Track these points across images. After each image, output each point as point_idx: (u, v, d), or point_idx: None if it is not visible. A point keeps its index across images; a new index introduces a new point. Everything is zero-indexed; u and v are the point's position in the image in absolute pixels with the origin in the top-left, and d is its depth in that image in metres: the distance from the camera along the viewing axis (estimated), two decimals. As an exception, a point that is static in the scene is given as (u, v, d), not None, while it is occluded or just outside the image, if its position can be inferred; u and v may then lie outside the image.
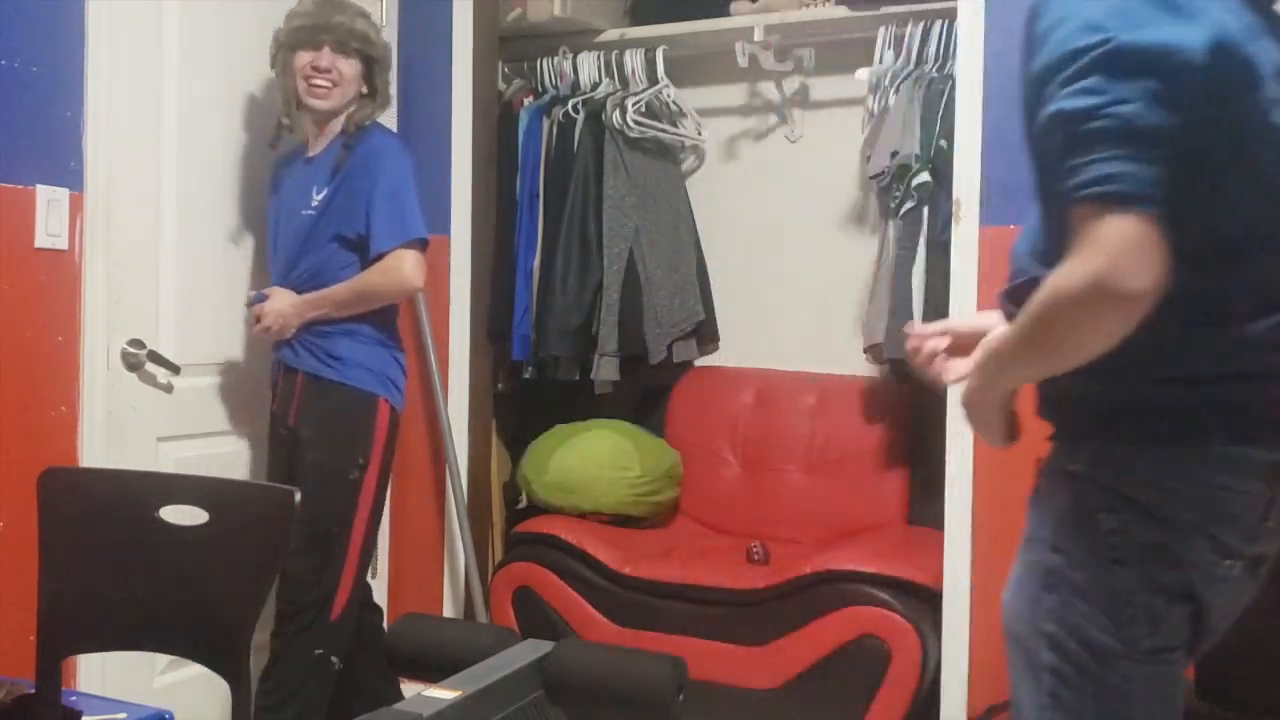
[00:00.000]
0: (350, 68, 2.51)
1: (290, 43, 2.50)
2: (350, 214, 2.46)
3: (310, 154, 2.57)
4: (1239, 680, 1.90)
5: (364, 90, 2.57)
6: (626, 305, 3.21)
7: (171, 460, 2.59)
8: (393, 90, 2.68)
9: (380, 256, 2.44)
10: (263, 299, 2.51)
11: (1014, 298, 1.31)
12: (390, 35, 3.20)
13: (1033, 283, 1.20)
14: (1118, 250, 1.10)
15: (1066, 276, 1.13)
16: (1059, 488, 1.32)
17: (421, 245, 2.49)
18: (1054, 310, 1.15)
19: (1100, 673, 1.27)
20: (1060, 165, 1.14)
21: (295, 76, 2.50)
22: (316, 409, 2.50)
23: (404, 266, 2.44)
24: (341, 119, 2.54)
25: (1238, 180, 1.20)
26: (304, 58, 2.48)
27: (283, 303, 2.49)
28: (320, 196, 2.49)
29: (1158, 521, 1.23)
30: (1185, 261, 1.14)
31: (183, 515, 1.73)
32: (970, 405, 1.40)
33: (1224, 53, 1.14)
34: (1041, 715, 1.35)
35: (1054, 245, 1.21)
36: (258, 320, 2.50)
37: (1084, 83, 1.13)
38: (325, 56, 2.48)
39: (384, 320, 2.55)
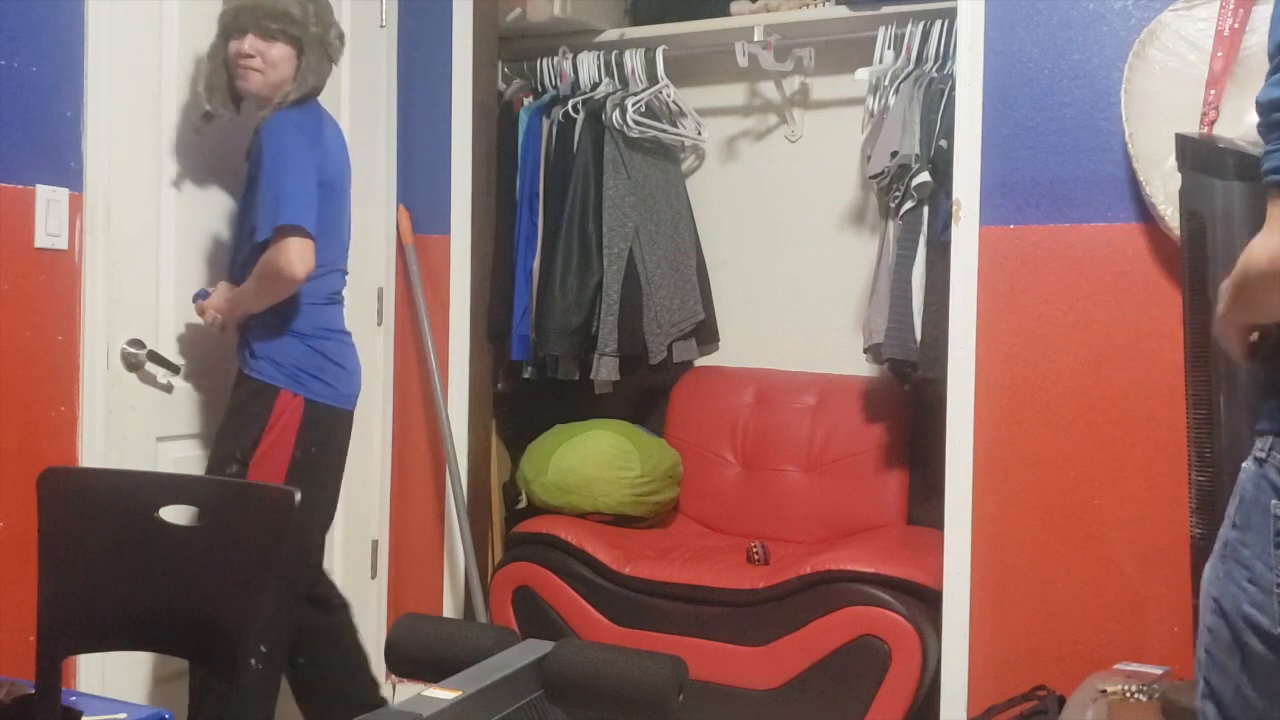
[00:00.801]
0: (277, 51, 2.42)
1: (221, 31, 2.46)
2: (254, 204, 2.40)
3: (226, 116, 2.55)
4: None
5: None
6: (626, 305, 3.21)
7: (171, 460, 2.59)
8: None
9: (264, 247, 2.35)
10: (204, 295, 2.53)
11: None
12: (390, 35, 3.21)
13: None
14: None
15: (1255, 249, 1.24)
16: (1248, 471, 1.36)
17: (300, 231, 2.31)
18: (1245, 277, 1.26)
19: (1248, 643, 1.30)
20: (1264, 148, 1.23)
21: (229, 63, 2.45)
22: (229, 404, 2.51)
23: (278, 258, 2.30)
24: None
25: None
26: (233, 45, 2.44)
27: (218, 297, 2.49)
28: (242, 193, 2.48)
29: None
30: None
31: (183, 515, 1.74)
32: (1217, 330, 1.48)
33: None
34: (1198, 670, 1.38)
35: None
36: (203, 314, 2.51)
37: (1278, 75, 1.21)
38: (248, 41, 2.41)
39: (304, 311, 2.46)
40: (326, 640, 2.64)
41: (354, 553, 3.13)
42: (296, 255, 2.30)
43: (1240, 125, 2.25)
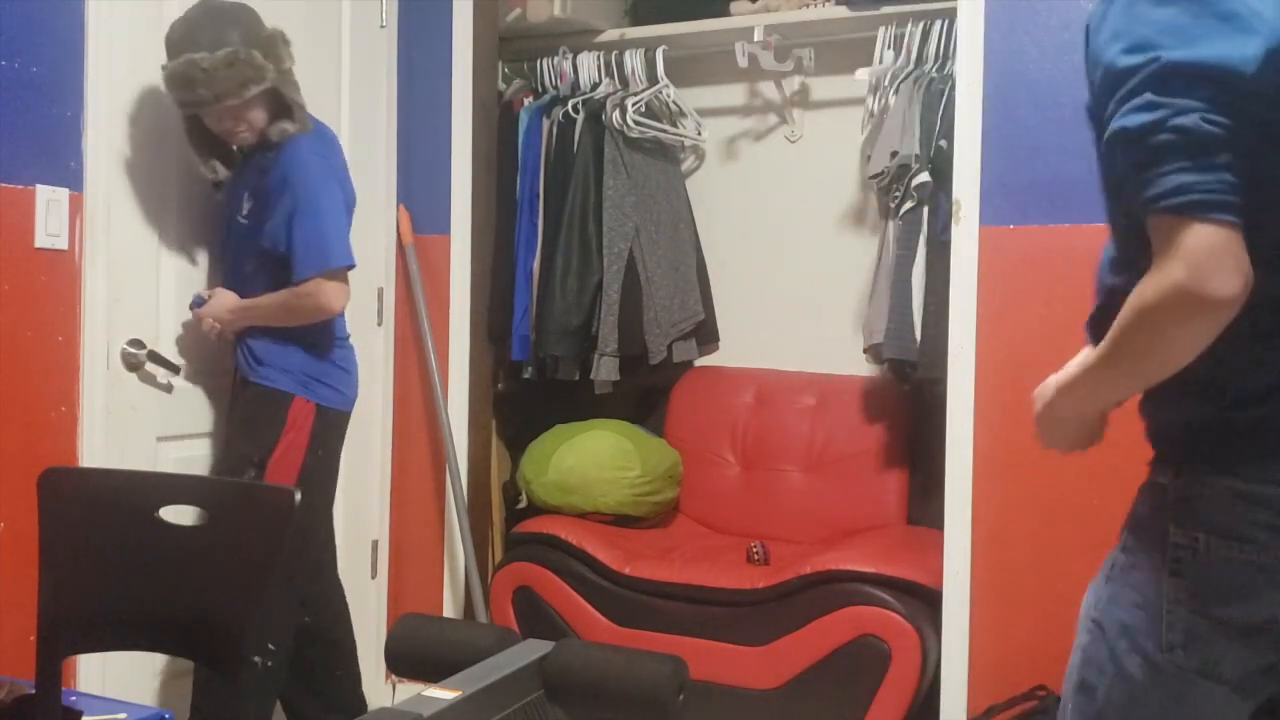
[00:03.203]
0: (252, 104, 2.39)
1: (189, 109, 2.42)
2: (273, 231, 2.42)
3: (244, 154, 2.56)
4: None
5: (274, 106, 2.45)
6: (626, 305, 3.21)
7: (171, 460, 2.59)
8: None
9: (302, 282, 2.41)
10: (201, 302, 2.55)
11: (1092, 327, 1.34)
12: (390, 35, 3.21)
13: (1104, 310, 1.23)
14: (1199, 258, 1.12)
15: (1151, 288, 1.15)
16: (1145, 497, 1.34)
17: (345, 273, 2.45)
18: (1140, 321, 1.17)
19: (1126, 668, 1.29)
20: (1134, 180, 1.16)
21: (212, 129, 2.45)
22: (236, 411, 2.55)
23: (320, 298, 2.42)
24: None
25: None
26: (210, 120, 2.43)
27: (219, 306, 2.51)
28: (249, 207, 2.48)
29: (1227, 543, 1.22)
30: (1259, 267, 1.15)
31: (183, 515, 1.73)
32: (1051, 425, 1.43)
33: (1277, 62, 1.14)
34: (1067, 685, 1.37)
35: (1126, 254, 1.24)
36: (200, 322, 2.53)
37: (1139, 100, 1.15)
38: (226, 118, 2.40)
39: (311, 324, 2.51)
40: (329, 641, 2.68)
41: (354, 553, 3.13)
42: (342, 293, 2.44)
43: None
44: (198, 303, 2.56)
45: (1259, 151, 1.16)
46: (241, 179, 2.54)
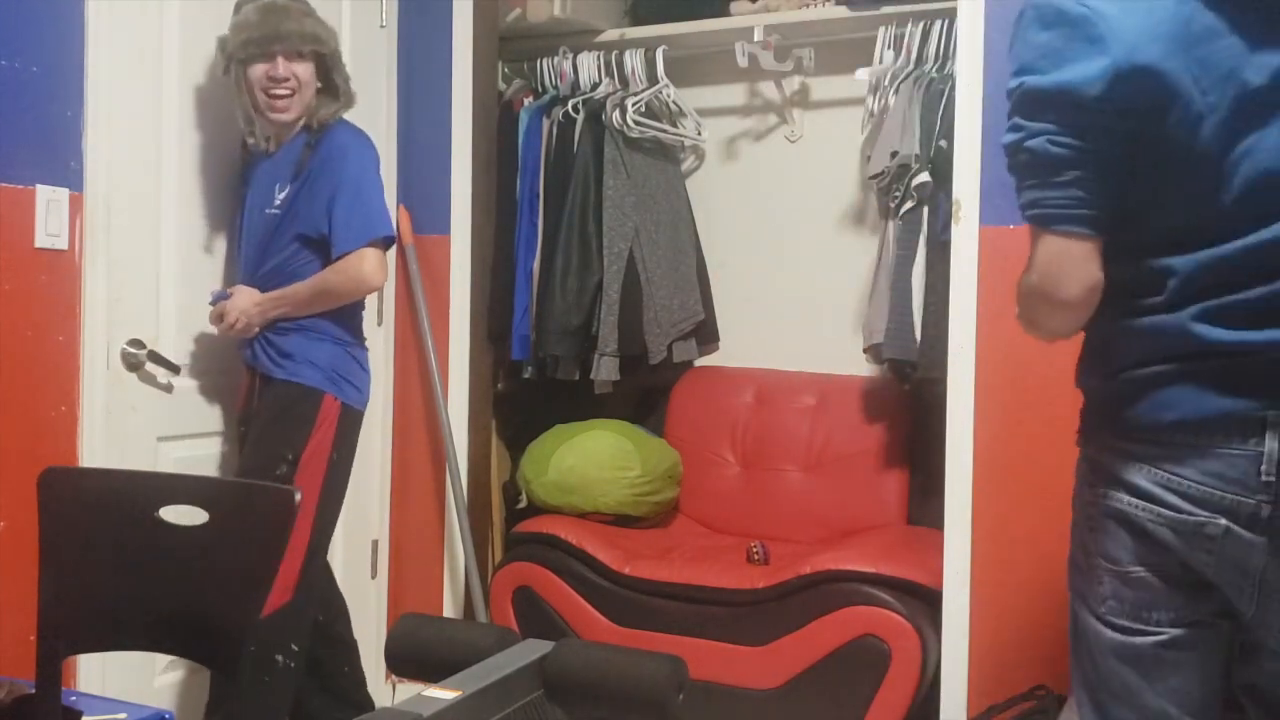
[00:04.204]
0: (306, 71, 2.47)
1: (242, 56, 2.45)
2: (312, 214, 2.45)
3: (273, 149, 2.55)
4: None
5: (319, 86, 2.52)
6: (626, 305, 3.21)
7: (171, 460, 2.59)
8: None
9: (342, 257, 2.42)
10: (225, 297, 2.53)
11: None
12: (390, 35, 3.21)
13: None
14: (1045, 266, 1.35)
15: (1020, 284, 1.42)
16: (1078, 468, 1.52)
17: (385, 243, 2.47)
18: (1020, 306, 1.45)
19: (1077, 617, 1.47)
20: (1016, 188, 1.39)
21: (254, 90, 2.46)
22: (262, 408, 2.52)
23: (364, 266, 2.42)
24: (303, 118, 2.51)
25: (1172, 182, 1.32)
26: (259, 69, 2.44)
27: (245, 301, 2.49)
28: (283, 196, 2.48)
29: (1131, 499, 1.38)
30: (1132, 257, 1.35)
31: (183, 515, 1.73)
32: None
33: (1130, 76, 1.27)
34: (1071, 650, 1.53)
35: None
36: (221, 318, 2.52)
37: (1011, 120, 1.35)
38: (280, 66, 2.43)
39: (341, 316, 2.53)
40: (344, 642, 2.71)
41: (354, 553, 3.13)
42: (380, 265, 2.45)
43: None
44: (220, 297, 2.54)
45: (1130, 154, 1.31)
46: (272, 171, 2.53)
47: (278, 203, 2.48)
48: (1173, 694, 1.38)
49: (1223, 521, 1.31)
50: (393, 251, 3.20)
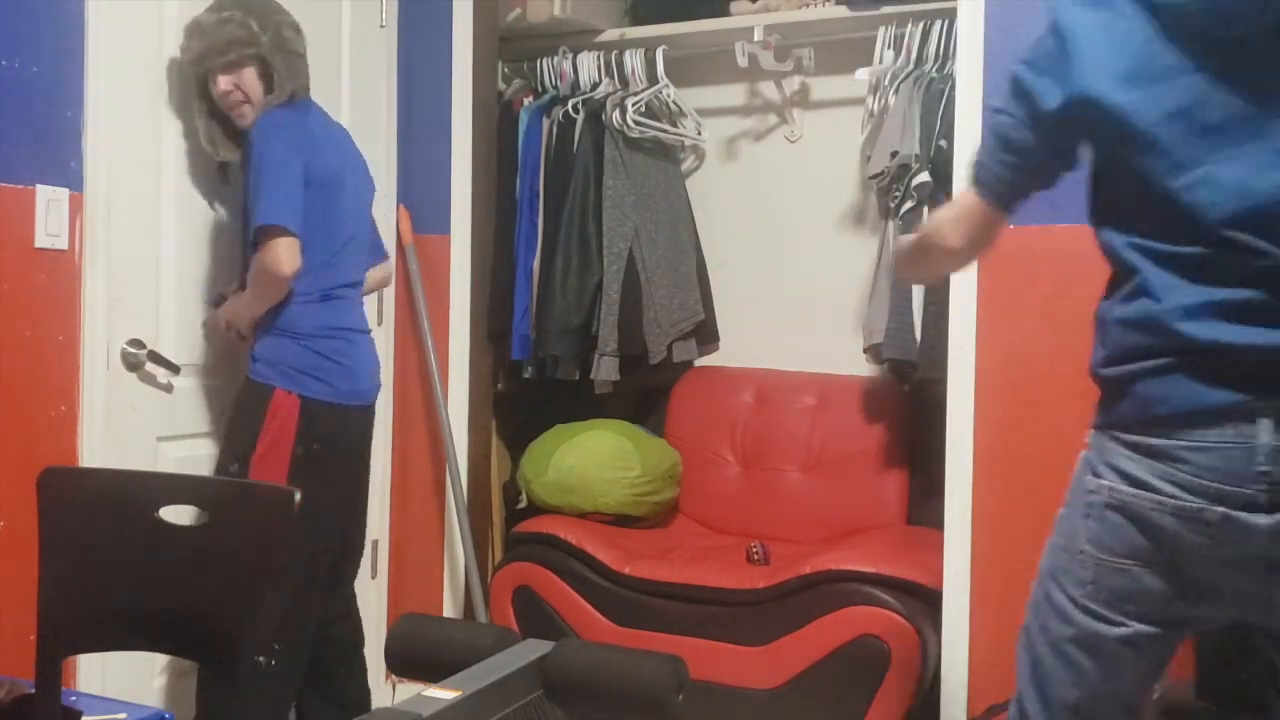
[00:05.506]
0: (246, 77, 2.44)
1: (196, 84, 2.49)
2: (247, 209, 2.44)
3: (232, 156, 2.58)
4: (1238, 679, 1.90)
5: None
6: (626, 305, 3.21)
7: (171, 460, 2.59)
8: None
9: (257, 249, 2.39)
10: (222, 299, 2.54)
11: None
12: (390, 35, 3.21)
13: None
14: (954, 211, 1.60)
15: (927, 221, 1.64)
16: (1082, 456, 1.54)
17: (282, 231, 2.33)
18: (914, 240, 1.69)
19: (1048, 596, 1.51)
20: None
21: (221, 109, 2.50)
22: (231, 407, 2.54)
23: (265, 258, 2.35)
24: None
25: (1138, 192, 1.42)
26: (211, 89, 2.47)
27: (229, 306, 2.53)
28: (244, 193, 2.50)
29: (1131, 490, 1.41)
30: (1120, 251, 1.44)
31: (183, 515, 1.74)
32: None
33: (1084, 105, 1.41)
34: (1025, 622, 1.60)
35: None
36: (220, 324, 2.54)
37: (1004, 96, 1.52)
38: (221, 82, 2.44)
39: (297, 310, 2.47)
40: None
41: (354, 553, 3.13)
42: (283, 254, 2.34)
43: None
44: (217, 299, 2.56)
45: (1090, 157, 1.49)
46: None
47: (244, 203, 2.50)
48: (1115, 688, 1.46)
49: (1220, 509, 1.35)
50: (393, 250, 3.22)
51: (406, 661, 1.49)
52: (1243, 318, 1.34)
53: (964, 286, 2.59)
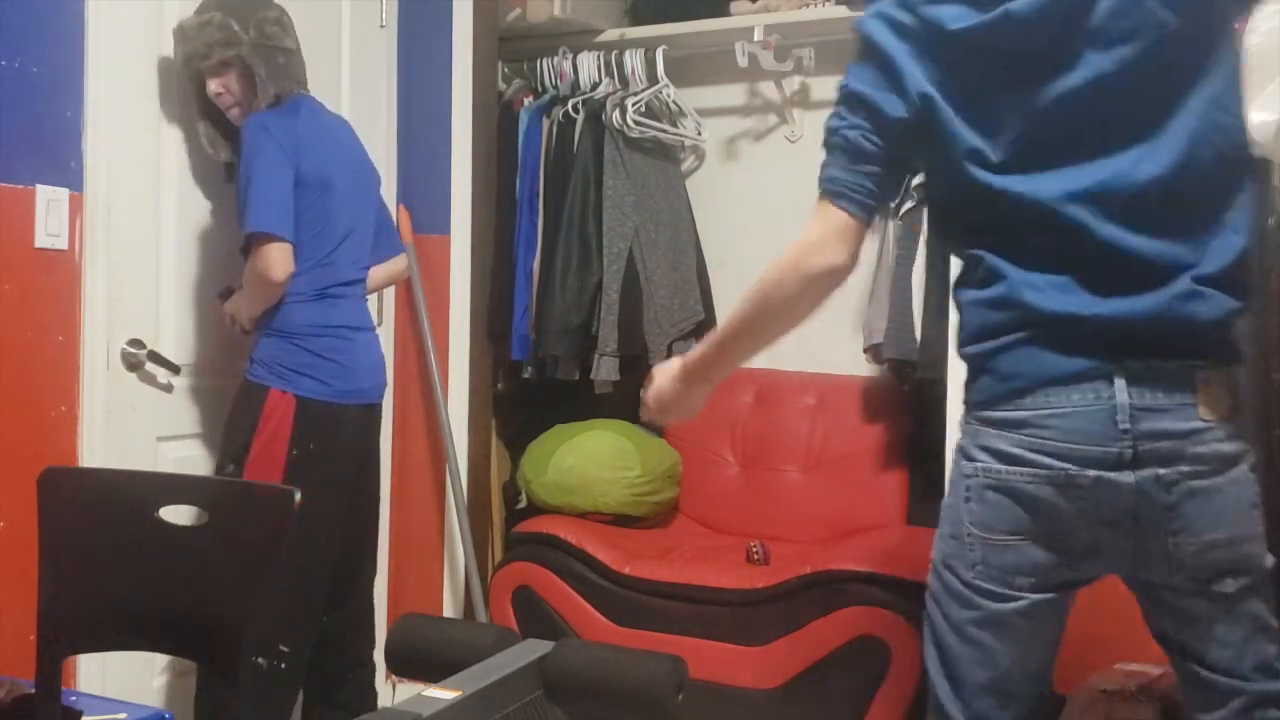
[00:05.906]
0: (230, 80, 2.45)
1: (192, 83, 2.51)
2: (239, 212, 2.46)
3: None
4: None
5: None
6: (626, 305, 3.21)
7: (171, 460, 2.59)
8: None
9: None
10: (229, 292, 2.55)
11: None
12: (390, 35, 3.21)
13: None
14: (818, 231, 1.65)
15: (785, 251, 1.68)
16: (957, 444, 1.57)
17: (270, 237, 2.35)
18: (771, 271, 1.74)
19: (944, 584, 1.54)
20: None
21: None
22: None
23: (256, 263, 2.37)
24: None
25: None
26: (208, 90, 2.48)
27: (233, 300, 2.54)
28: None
29: (1001, 467, 1.45)
30: (961, 239, 1.53)
31: (183, 515, 1.74)
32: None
33: (926, 110, 1.46)
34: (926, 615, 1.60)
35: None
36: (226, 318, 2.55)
37: (837, 109, 1.56)
38: (211, 85, 2.45)
39: (291, 310, 2.47)
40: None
41: (354, 553, 3.13)
42: (274, 260, 2.36)
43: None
44: (225, 293, 2.57)
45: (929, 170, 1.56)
46: None
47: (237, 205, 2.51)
48: (1021, 659, 1.50)
49: (1091, 472, 1.40)
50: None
51: (406, 661, 1.49)
52: (1089, 289, 1.41)
53: (964, 286, 2.59)
